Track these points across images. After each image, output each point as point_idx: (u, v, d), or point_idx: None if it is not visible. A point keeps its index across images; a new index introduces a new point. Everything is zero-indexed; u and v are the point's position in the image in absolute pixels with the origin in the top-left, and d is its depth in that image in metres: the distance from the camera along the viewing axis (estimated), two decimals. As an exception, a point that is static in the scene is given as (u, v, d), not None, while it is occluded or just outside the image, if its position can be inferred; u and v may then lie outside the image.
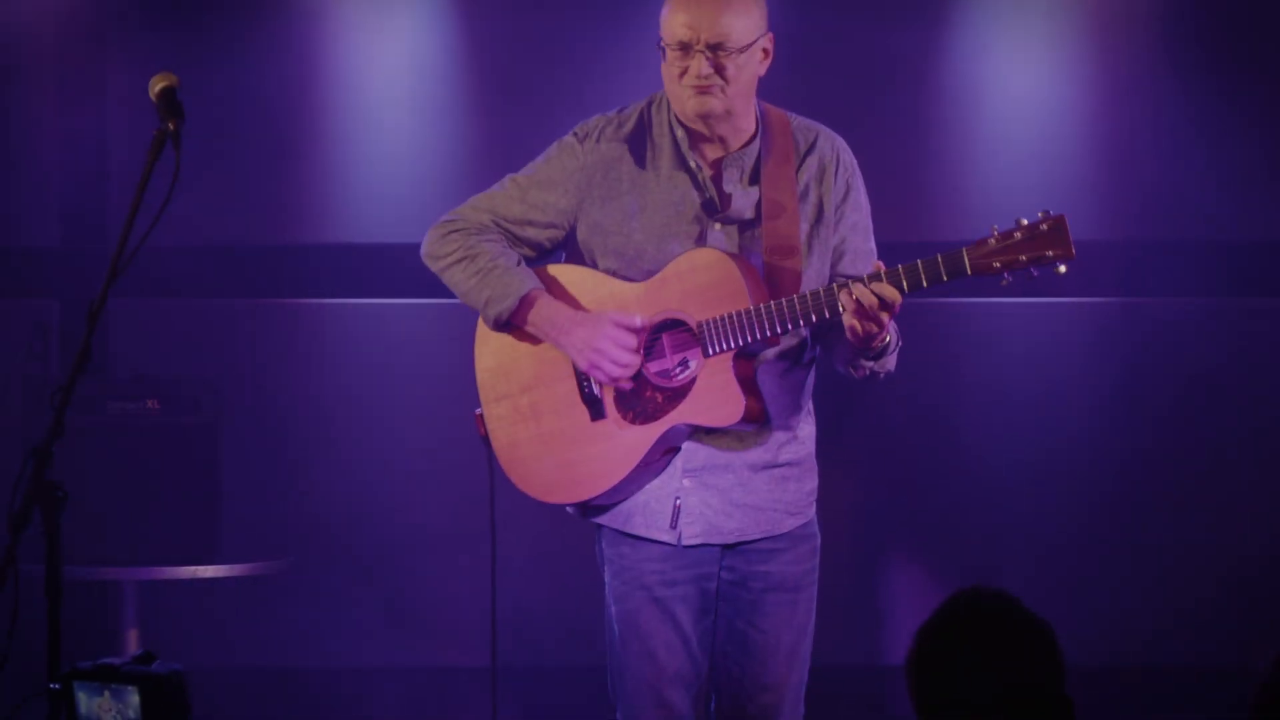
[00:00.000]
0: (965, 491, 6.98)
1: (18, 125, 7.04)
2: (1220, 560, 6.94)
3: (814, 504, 4.19)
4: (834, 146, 4.12)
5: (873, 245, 4.15)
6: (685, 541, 4.07)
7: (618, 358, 3.99)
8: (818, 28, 6.75)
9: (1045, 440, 6.93)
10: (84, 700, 3.40)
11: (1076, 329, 6.97)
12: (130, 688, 3.37)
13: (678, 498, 4.07)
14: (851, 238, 4.11)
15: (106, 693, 3.38)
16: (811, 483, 4.18)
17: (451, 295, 4.17)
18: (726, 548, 4.12)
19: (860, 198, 4.13)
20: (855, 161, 4.14)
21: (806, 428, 4.16)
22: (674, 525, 4.07)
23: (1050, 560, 6.93)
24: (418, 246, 4.19)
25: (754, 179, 4.05)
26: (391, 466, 7.00)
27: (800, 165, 4.06)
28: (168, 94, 3.56)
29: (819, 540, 4.19)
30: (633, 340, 4.00)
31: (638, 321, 4.00)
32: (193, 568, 6.30)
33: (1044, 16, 6.93)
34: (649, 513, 4.08)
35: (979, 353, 6.92)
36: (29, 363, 6.79)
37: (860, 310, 3.83)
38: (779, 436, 4.10)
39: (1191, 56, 6.89)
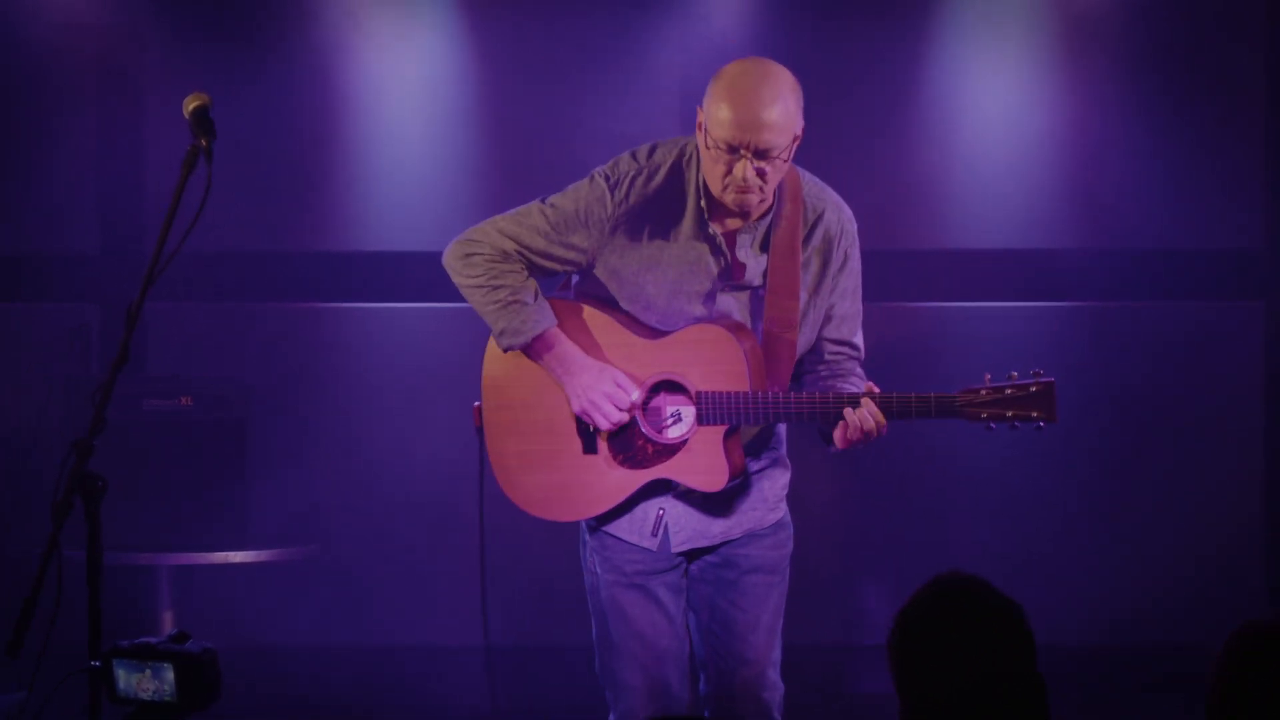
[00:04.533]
0: (938, 482, 6.99)
1: (59, 138, 7.05)
2: (1182, 546, 6.95)
3: (786, 494, 4.21)
4: (839, 219, 4.05)
5: (860, 306, 4.12)
6: (673, 549, 4.08)
7: (609, 413, 4.00)
8: (805, 42, 6.76)
9: (1018, 434, 6.93)
10: (123, 676, 3.42)
11: (1049, 329, 6.97)
12: (166, 665, 3.38)
13: (661, 509, 4.07)
14: (840, 303, 4.08)
15: (148, 669, 3.39)
16: (786, 476, 4.19)
17: (465, 301, 4.15)
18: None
19: (855, 264, 4.09)
20: (855, 229, 4.09)
21: (779, 430, 4.18)
22: (655, 533, 4.08)
23: (1020, 547, 6.94)
24: (435, 254, 4.16)
25: (764, 245, 4.00)
26: (408, 459, 7.01)
27: (807, 236, 4.01)
28: (200, 112, 3.55)
29: (792, 527, 4.21)
30: (626, 399, 3.99)
31: (636, 395, 4.00)
32: (223, 553, 6.32)
33: (1019, 41, 6.94)
34: (633, 520, 4.09)
35: (956, 351, 6.92)
36: (70, 363, 6.81)
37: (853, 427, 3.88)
38: (757, 453, 4.12)
39: (1150, 78, 6.92)
